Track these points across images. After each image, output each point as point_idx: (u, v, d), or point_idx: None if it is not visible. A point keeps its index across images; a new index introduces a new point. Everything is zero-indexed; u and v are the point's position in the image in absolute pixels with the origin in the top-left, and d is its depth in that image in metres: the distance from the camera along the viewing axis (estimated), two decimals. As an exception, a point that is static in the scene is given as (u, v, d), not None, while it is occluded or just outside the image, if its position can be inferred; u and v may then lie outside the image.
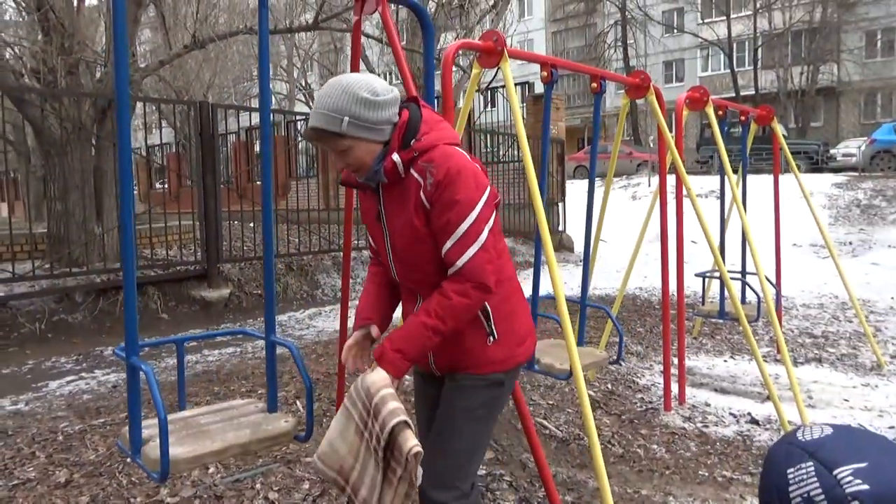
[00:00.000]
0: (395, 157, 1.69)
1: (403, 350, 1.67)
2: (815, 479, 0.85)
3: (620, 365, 4.97)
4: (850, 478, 0.83)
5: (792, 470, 0.88)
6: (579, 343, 3.81)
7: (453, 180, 1.65)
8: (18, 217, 14.10)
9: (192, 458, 1.92)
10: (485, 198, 1.68)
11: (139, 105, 8.91)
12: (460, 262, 1.65)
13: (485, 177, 1.73)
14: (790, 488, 0.87)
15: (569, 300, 3.88)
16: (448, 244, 1.67)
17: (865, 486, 0.82)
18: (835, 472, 0.84)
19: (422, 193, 1.69)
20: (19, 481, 3.03)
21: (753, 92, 28.96)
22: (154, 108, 18.15)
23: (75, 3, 7.52)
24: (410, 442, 1.58)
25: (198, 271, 7.20)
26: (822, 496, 0.83)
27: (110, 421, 3.79)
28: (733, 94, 28.63)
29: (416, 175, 1.71)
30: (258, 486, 3.02)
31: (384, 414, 1.62)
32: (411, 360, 1.70)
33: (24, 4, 7.97)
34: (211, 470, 3.16)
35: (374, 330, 1.88)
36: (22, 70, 7.47)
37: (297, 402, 3.87)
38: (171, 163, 13.30)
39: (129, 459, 3.15)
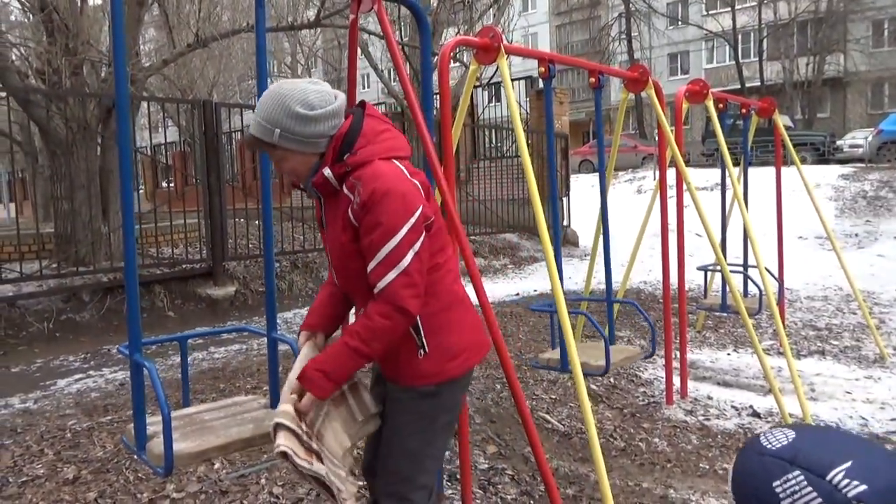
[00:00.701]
0: (326, 171, 1.68)
1: (326, 371, 1.66)
2: (810, 488, 0.80)
3: (655, 360, 4.99)
4: (846, 480, 0.78)
5: (778, 483, 0.82)
6: (611, 341, 3.82)
7: (378, 202, 1.61)
8: (27, 217, 14.22)
9: (195, 454, 1.95)
10: (411, 221, 1.63)
11: (144, 104, 8.96)
12: (381, 285, 1.64)
13: (417, 196, 1.67)
14: (782, 503, 0.81)
15: (575, 299, 3.93)
16: (371, 265, 1.65)
17: (864, 486, 0.78)
18: (828, 478, 0.79)
19: (350, 211, 1.67)
20: (28, 478, 3.08)
21: (759, 83, 28.81)
22: (159, 107, 18.24)
23: (79, 4, 7.56)
24: (276, 441, 1.63)
25: (203, 269, 7.25)
26: None
27: (117, 418, 3.84)
28: (739, 86, 28.49)
29: (346, 191, 1.69)
30: (263, 481, 3.06)
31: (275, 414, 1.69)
32: (335, 381, 1.68)
33: (28, 5, 8.02)
34: (216, 465, 3.21)
35: (319, 338, 1.90)
36: (27, 71, 7.52)
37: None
38: (177, 161, 13.36)
39: (135, 455, 3.20)
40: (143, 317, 1.88)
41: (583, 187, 15.49)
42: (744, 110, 5.51)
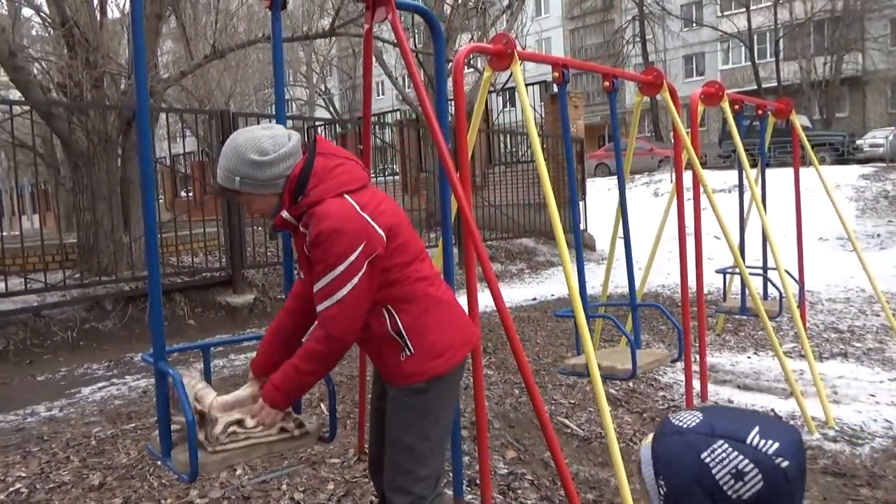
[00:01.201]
0: (285, 213, 1.85)
1: (277, 385, 1.87)
2: (737, 452, 0.87)
3: (680, 362, 4.96)
4: (762, 440, 0.88)
5: (706, 454, 0.89)
6: (637, 345, 3.81)
7: (322, 242, 1.76)
8: (50, 228, 14.44)
9: (219, 460, 1.98)
10: (351, 258, 1.74)
11: (163, 115, 9.10)
12: (319, 310, 1.80)
13: (361, 233, 1.76)
14: (714, 471, 0.88)
15: (598, 305, 3.92)
16: (314, 292, 1.82)
17: (777, 443, 0.87)
18: (748, 441, 0.88)
19: (305, 246, 1.84)
20: (55, 484, 3.14)
21: (776, 84, 28.55)
22: (177, 117, 18.48)
23: (98, 18, 7.70)
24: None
25: (223, 277, 7.33)
26: (751, 465, 0.87)
27: (141, 425, 3.90)
28: (755, 87, 28.26)
29: (302, 229, 1.84)
30: (284, 486, 3.09)
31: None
32: (286, 396, 1.89)
33: (49, 20, 8.18)
34: (238, 472, 3.24)
35: (255, 388, 2.05)
36: (49, 84, 7.67)
37: (321, 405, 3.94)
38: (195, 171, 13.52)
39: (159, 462, 3.25)
40: (165, 325, 1.93)
41: (599, 191, 15.45)
42: (760, 111, 5.48)
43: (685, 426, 0.93)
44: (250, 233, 7.92)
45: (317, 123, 14.14)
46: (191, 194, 13.86)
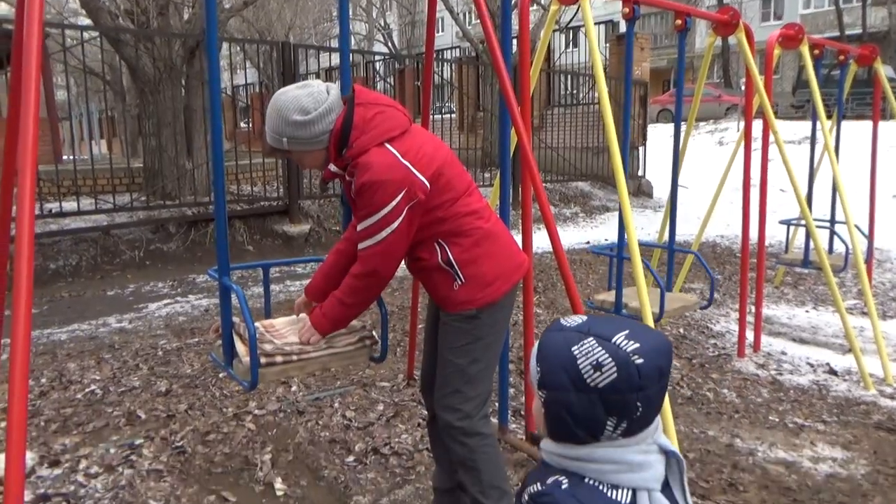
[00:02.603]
0: (332, 167, 1.93)
1: (325, 314, 2.01)
2: (600, 348, 1.01)
3: (728, 313, 4.91)
4: (626, 341, 1.01)
5: (576, 346, 1.03)
6: (668, 288, 3.78)
7: (366, 190, 1.84)
8: (116, 153, 14.93)
9: (277, 371, 2.08)
10: (392, 204, 1.83)
11: (224, 45, 9.16)
12: (360, 247, 1.91)
13: (401, 181, 1.83)
14: (578, 361, 1.01)
15: (645, 245, 3.87)
16: (357, 230, 1.92)
17: (637, 344, 1.01)
18: (612, 340, 1.01)
19: (351, 193, 1.92)
20: (126, 388, 3.36)
21: (861, 31, 26.70)
22: (239, 48, 18.59)
23: (165, -56, 7.72)
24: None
25: (280, 207, 7.51)
26: (609, 359, 1.00)
27: (203, 341, 4.10)
28: (837, 34, 26.50)
29: (349, 178, 1.92)
30: (336, 405, 3.23)
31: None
32: (331, 322, 2.03)
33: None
34: (294, 388, 3.40)
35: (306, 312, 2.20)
36: (117, 11, 7.80)
37: (374, 332, 4.05)
38: (255, 102, 13.67)
39: (221, 374, 3.43)
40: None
41: (661, 137, 14.96)
42: (841, 57, 5.16)
43: (567, 325, 1.07)
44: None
45: (376, 59, 14.03)
46: (250, 125, 14.07)
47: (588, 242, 7.76)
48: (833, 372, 3.92)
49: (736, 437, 3.06)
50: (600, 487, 1.04)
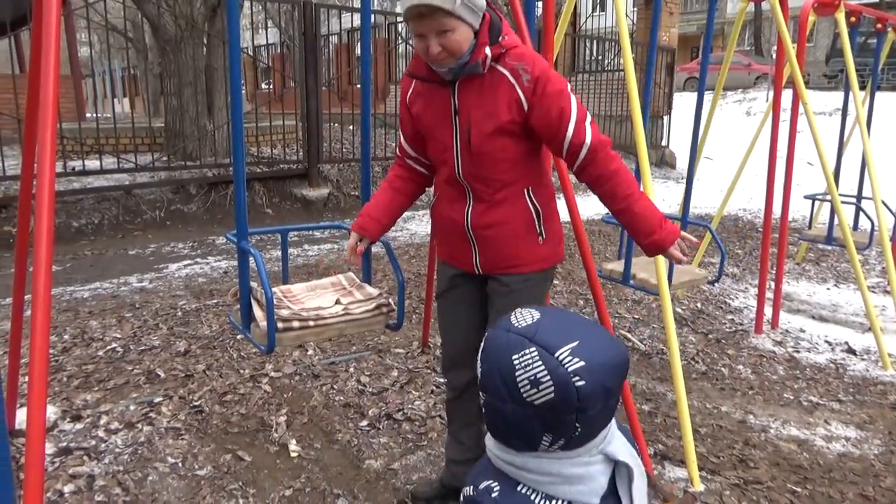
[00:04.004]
0: (488, 50, 1.74)
1: (661, 217, 1.82)
2: (540, 362, 0.92)
3: (714, 286, 4.87)
4: (570, 357, 0.92)
5: (517, 356, 0.94)
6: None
7: (549, 76, 1.75)
8: (138, 112, 14.99)
9: (293, 336, 2.10)
10: (572, 93, 1.79)
11: (246, 4, 9.05)
12: (588, 139, 1.77)
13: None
14: (517, 373, 0.93)
15: (668, 218, 3.81)
16: (570, 130, 1.76)
17: (582, 363, 0.92)
18: (556, 354, 0.92)
19: (518, 90, 1.75)
20: (146, 347, 3.43)
21: (901, -2, 25.72)
22: (260, 7, 18.41)
23: None
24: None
25: (299, 170, 7.51)
26: (548, 377, 0.92)
27: (222, 302, 4.16)
28: (876, 0, 25.57)
29: (505, 72, 1.76)
30: (351, 369, 3.27)
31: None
32: (662, 220, 1.83)
33: None
34: (310, 352, 3.44)
35: (363, 245, 2.07)
36: (139, -33, 7.74)
37: (391, 299, 4.08)
38: (276, 63, 13.59)
39: (239, 336, 3.48)
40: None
41: (687, 106, 14.66)
42: (879, 25, 4.97)
43: (515, 325, 0.98)
44: (327, 128, 8.00)
45: (399, 20, 13.81)
46: (271, 87, 14.01)
47: (608, 213, 7.69)
48: (851, 351, 3.88)
49: (749, 413, 3.05)
50: (533, 497, 0.99)
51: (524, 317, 1.00)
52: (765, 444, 2.76)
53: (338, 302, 2.21)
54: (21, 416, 2.49)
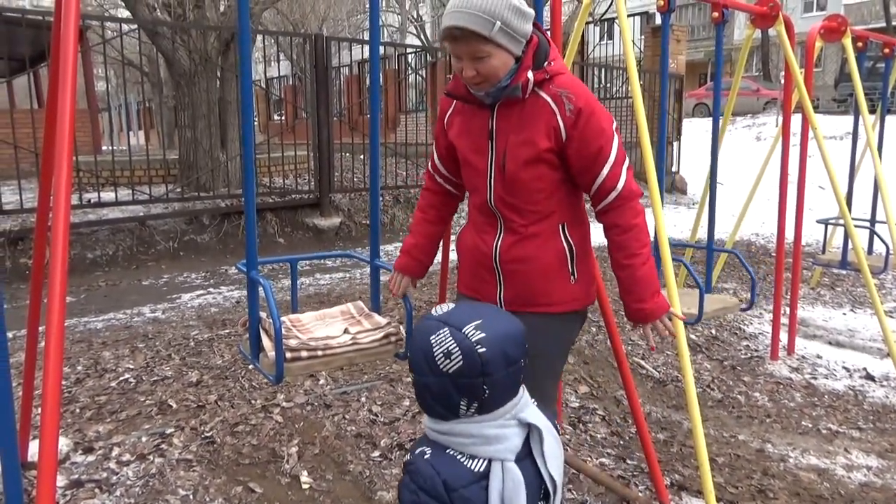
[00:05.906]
0: (530, 74, 1.66)
1: (657, 289, 1.77)
2: (451, 337, 1.18)
3: (762, 314, 4.82)
4: (474, 331, 1.18)
5: (434, 336, 1.20)
6: (707, 289, 3.68)
7: (594, 110, 1.67)
8: (153, 144, 15.22)
9: (303, 366, 2.10)
10: (615, 134, 1.73)
11: (258, 38, 9.25)
12: (620, 185, 1.71)
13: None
14: (434, 349, 1.19)
15: (676, 245, 3.80)
16: (604, 171, 1.71)
17: (484, 334, 1.18)
18: (462, 329, 1.18)
19: (559, 119, 1.68)
20: (158, 378, 3.43)
21: (908, 22, 25.79)
22: (272, 40, 18.78)
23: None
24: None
25: (311, 200, 7.57)
26: (457, 347, 1.17)
27: (234, 332, 4.16)
28: (884, 25, 25.66)
29: (547, 98, 1.69)
30: (363, 399, 3.25)
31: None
32: (657, 292, 1.78)
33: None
34: (321, 381, 3.43)
35: (407, 282, 2.14)
36: (155, 4, 7.92)
37: (400, 327, 4.07)
38: (288, 95, 13.79)
39: (250, 366, 3.48)
40: (257, 240, 2.04)
41: (696, 132, 14.71)
42: (887, 50, 4.99)
43: (433, 314, 1.25)
44: (338, 158, 8.08)
45: (408, 51, 14.03)
46: (283, 118, 14.21)
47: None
48: (870, 377, 3.82)
49: (767, 442, 3.00)
50: (459, 458, 1.20)
51: (442, 308, 1.26)
52: (784, 474, 2.70)
53: (346, 331, 2.21)
54: (34, 449, 2.49)
